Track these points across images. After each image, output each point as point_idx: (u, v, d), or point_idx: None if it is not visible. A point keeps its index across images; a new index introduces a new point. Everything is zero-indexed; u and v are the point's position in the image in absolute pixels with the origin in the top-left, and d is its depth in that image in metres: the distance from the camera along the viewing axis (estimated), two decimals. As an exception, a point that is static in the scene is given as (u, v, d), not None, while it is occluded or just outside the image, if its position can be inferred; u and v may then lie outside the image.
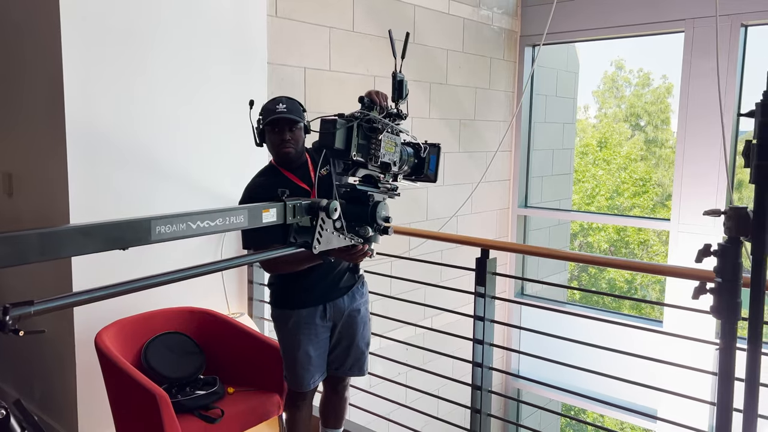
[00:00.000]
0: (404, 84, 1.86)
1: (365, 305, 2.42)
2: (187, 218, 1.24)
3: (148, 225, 1.13)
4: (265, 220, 1.40)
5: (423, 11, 4.26)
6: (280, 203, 1.36)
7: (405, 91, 1.87)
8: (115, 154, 2.68)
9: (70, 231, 1.04)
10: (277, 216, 1.40)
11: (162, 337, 2.64)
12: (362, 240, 1.67)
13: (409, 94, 1.90)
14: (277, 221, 1.40)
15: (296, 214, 1.39)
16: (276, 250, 1.50)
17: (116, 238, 1.10)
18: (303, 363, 2.28)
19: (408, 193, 4.36)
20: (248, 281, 3.30)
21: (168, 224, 1.18)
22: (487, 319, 2.39)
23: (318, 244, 1.43)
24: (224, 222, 1.32)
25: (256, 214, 1.36)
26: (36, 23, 2.65)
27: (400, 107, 1.86)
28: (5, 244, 0.95)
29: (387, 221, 1.76)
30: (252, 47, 3.16)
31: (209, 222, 1.28)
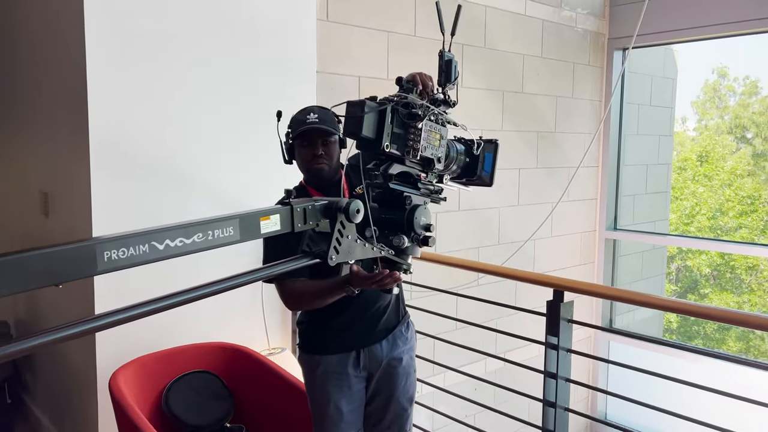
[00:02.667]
0: (453, 65, 1.46)
1: (409, 353, 2.02)
2: (150, 237, 0.95)
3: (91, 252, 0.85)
4: (264, 230, 1.10)
5: (495, 12, 3.84)
6: (286, 207, 1.07)
7: (454, 74, 1.46)
8: (143, 173, 2.45)
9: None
10: (281, 223, 1.09)
11: (188, 376, 2.36)
12: (395, 250, 1.31)
13: (459, 77, 1.49)
14: (281, 230, 1.09)
15: (308, 219, 1.11)
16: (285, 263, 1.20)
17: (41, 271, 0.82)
18: (333, 419, 1.92)
19: (477, 214, 3.93)
20: (293, 312, 2.99)
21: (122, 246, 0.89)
22: (560, 377, 1.92)
23: (335, 254, 1.12)
24: (205, 238, 1.02)
25: (250, 222, 1.05)
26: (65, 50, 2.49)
27: (449, 93, 1.46)
28: None
29: (428, 230, 1.38)
30: (299, 54, 2.87)
31: (183, 239, 0.97)
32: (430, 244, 1.42)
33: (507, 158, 4.04)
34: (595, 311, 4.82)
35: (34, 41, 2.89)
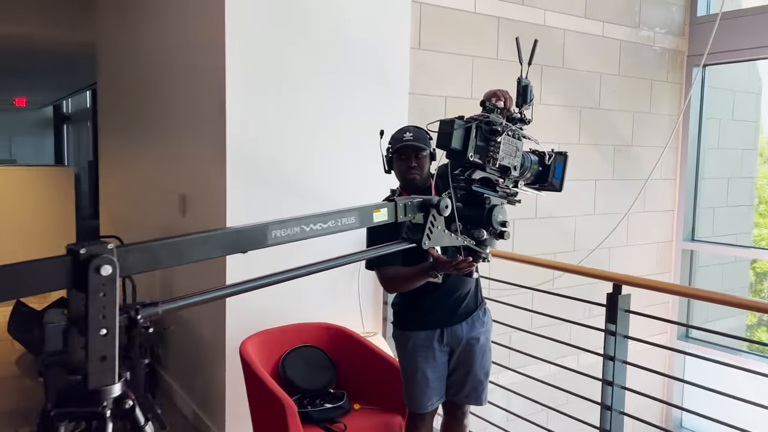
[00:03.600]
0: (529, 90, 1.82)
1: (486, 334, 2.39)
2: (302, 222, 1.36)
3: (264, 231, 1.26)
4: (376, 219, 1.45)
5: (573, 35, 4.13)
6: (391, 202, 1.38)
7: (530, 97, 1.82)
8: (268, 178, 2.97)
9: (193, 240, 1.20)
10: (388, 215, 1.44)
11: (299, 349, 2.83)
12: (476, 241, 1.65)
13: (533, 99, 1.85)
14: (388, 220, 1.43)
15: (408, 212, 1.41)
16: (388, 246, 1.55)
17: (237, 241, 1.23)
18: (420, 384, 2.31)
19: (554, 222, 4.22)
20: (383, 302, 3.41)
21: (284, 228, 1.29)
22: (618, 360, 2.23)
23: (428, 240, 1.43)
24: (336, 224, 1.40)
25: (366, 214, 1.42)
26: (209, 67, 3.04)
27: (524, 112, 1.82)
28: (136, 253, 1.12)
29: (504, 225, 1.71)
30: (395, 79, 3.32)
31: (321, 224, 1.36)
32: (506, 238, 1.77)
33: (583, 170, 4.31)
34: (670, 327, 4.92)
35: (178, 61, 3.49)
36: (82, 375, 1.04)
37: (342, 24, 3.10)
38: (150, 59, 3.94)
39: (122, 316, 1.03)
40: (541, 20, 3.94)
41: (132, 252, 1.05)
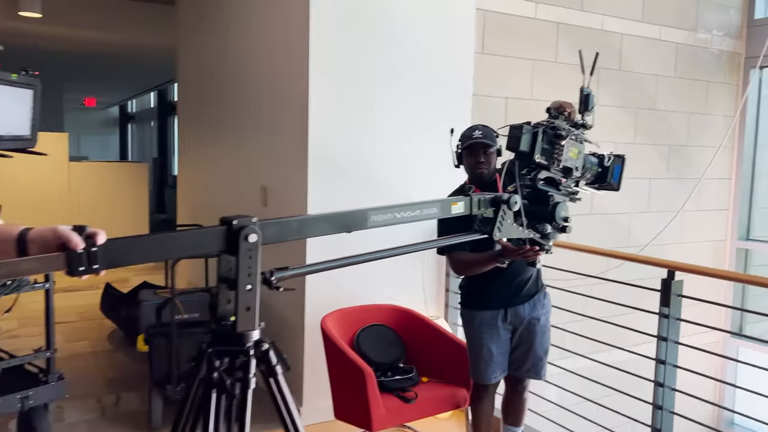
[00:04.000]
0: (590, 98, 2.04)
1: (546, 315, 2.62)
2: (394, 210, 1.64)
3: (365, 215, 1.55)
4: (454, 211, 1.72)
5: (631, 39, 4.29)
6: (467, 197, 1.64)
7: (591, 105, 2.04)
8: (344, 172, 3.26)
9: (315, 218, 1.50)
10: (464, 208, 1.70)
11: (371, 327, 3.12)
12: (540, 234, 1.89)
13: (594, 106, 2.07)
14: (464, 212, 1.69)
15: (480, 206, 1.64)
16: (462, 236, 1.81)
17: (345, 222, 1.52)
18: (485, 359, 2.56)
19: (609, 218, 4.38)
20: (445, 289, 3.67)
21: (380, 214, 1.58)
22: (670, 340, 2.42)
23: (498, 232, 1.68)
24: (421, 213, 1.68)
25: (446, 206, 1.69)
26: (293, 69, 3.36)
27: (586, 119, 2.05)
28: (273, 227, 1.41)
29: (566, 221, 1.94)
30: (460, 81, 3.57)
31: (410, 212, 1.64)
32: (568, 232, 2.00)
33: (638, 169, 4.46)
34: (724, 318, 5.01)
35: (261, 62, 3.83)
36: (229, 322, 1.34)
37: (412, 31, 3.37)
38: (232, 60, 4.30)
39: (261, 276, 1.33)
40: (599, 25, 4.12)
41: (269, 225, 1.34)
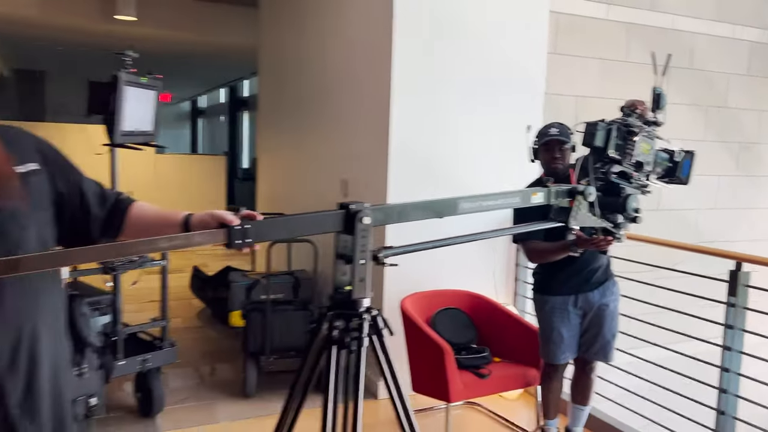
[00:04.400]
0: (662, 97, 2.20)
1: (615, 302, 2.79)
2: (480, 199, 1.88)
3: (455, 203, 1.79)
4: (533, 201, 1.94)
5: (703, 38, 4.35)
6: (545, 188, 1.86)
7: (662, 103, 2.20)
8: (424, 167, 3.51)
9: (412, 205, 1.75)
10: (543, 198, 1.91)
11: (446, 310, 3.36)
12: (612, 224, 2.07)
13: (666, 105, 2.23)
14: (542, 202, 1.91)
15: (558, 196, 1.85)
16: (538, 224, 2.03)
17: (438, 209, 1.77)
18: (556, 341, 2.76)
19: (677, 214, 4.45)
20: (515, 279, 3.87)
21: (468, 202, 1.81)
22: (737, 328, 2.56)
23: (573, 221, 1.90)
24: (504, 201, 1.91)
25: (526, 196, 1.91)
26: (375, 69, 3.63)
27: (658, 116, 2.22)
28: (381, 211, 1.67)
29: (637, 212, 2.11)
30: (532, 81, 3.75)
31: (493, 201, 1.87)
32: (638, 222, 2.17)
33: (707, 166, 4.51)
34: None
35: (344, 62, 4.12)
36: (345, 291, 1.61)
37: (488, 33, 3.58)
38: (315, 59, 4.60)
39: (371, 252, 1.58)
40: (671, 24, 4.20)
41: (376, 210, 1.59)
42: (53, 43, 8.90)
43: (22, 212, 1.27)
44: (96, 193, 1.43)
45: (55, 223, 1.38)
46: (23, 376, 1.29)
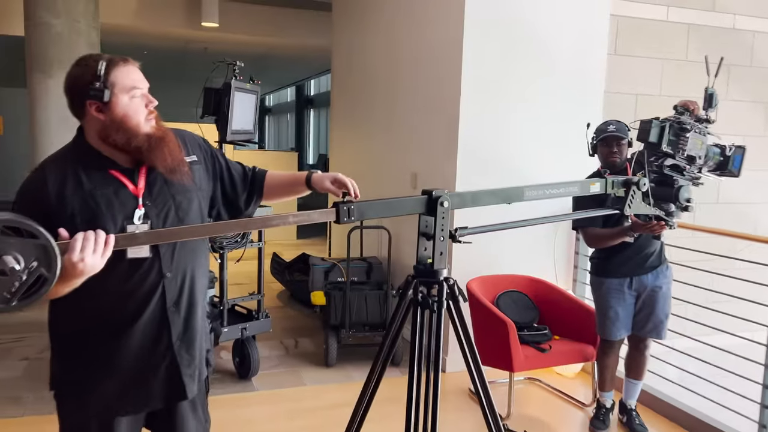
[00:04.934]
0: (713, 96, 2.44)
1: (667, 285, 3.04)
2: (543, 188, 2.20)
3: (521, 190, 2.11)
4: (592, 190, 2.24)
5: (763, 36, 4.46)
6: (603, 178, 2.16)
7: (714, 102, 2.44)
8: (488, 162, 3.83)
9: (484, 192, 2.08)
10: (601, 188, 2.21)
11: (509, 293, 3.67)
12: (665, 212, 2.33)
13: (718, 104, 2.46)
14: (600, 191, 2.20)
15: (614, 186, 2.13)
16: (597, 210, 2.33)
17: (506, 196, 2.10)
18: (612, 319, 3.04)
19: (736, 207, 4.58)
20: (574, 266, 4.13)
21: (533, 190, 2.13)
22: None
23: (629, 208, 2.18)
24: (565, 190, 2.21)
25: (585, 185, 2.21)
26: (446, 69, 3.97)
27: (710, 115, 2.46)
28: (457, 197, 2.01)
29: (688, 201, 2.37)
30: (593, 80, 4.00)
31: (555, 190, 2.18)
32: (690, 211, 2.42)
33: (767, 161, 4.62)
34: None
35: (416, 62, 4.48)
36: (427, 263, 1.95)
37: (551, 36, 3.85)
38: (387, 59, 4.97)
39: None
40: (731, 24, 4.35)
41: (455, 196, 1.93)
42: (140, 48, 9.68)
43: (188, 186, 1.69)
44: (239, 173, 1.86)
45: (210, 200, 1.80)
46: (183, 314, 1.71)
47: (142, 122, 1.59)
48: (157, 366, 1.68)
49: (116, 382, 1.66)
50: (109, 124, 1.56)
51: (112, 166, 1.60)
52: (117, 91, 1.56)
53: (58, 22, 5.24)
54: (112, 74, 1.56)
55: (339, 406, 3.29)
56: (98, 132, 1.57)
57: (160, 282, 1.64)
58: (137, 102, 1.60)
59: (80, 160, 1.60)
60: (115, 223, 1.55)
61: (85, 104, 1.55)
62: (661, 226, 2.53)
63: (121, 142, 1.57)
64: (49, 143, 5.36)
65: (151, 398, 1.71)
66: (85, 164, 1.59)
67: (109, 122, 1.56)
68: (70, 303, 1.51)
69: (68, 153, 1.63)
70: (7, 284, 1.30)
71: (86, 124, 1.60)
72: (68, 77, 1.60)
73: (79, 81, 1.56)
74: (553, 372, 3.88)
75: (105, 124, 1.56)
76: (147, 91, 1.65)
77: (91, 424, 1.69)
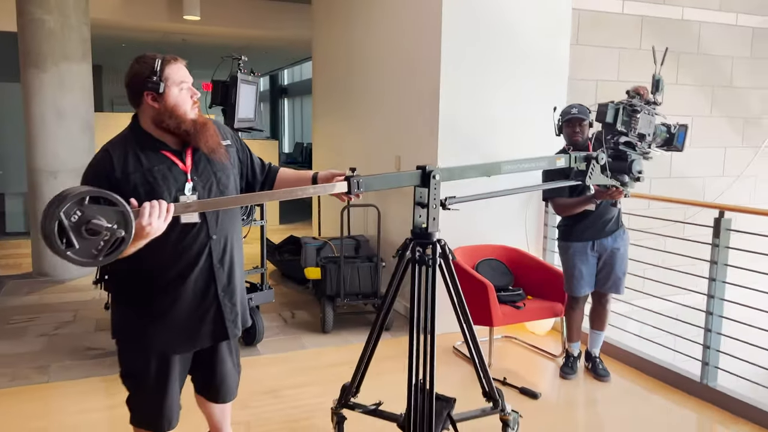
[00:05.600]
0: (660, 82, 2.88)
1: (624, 247, 3.50)
2: (517, 163, 2.62)
3: (499, 165, 2.53)
4: (558, 164, 2.67)
5: (708, 26, 4.96)
6: (567, 154, 2.58)
7: (660, 87, 2.88)
8: (466, 143, 4.24)
9: (468, 167, 2.49)
10: (565, 162, 2.64)
11: (487, 260, 4.10)
12: (620, 183, 2.78)
13: (664, 88, 2.90)
14: (565, 165, 2.64)
15: (576, 161, 2.58)
16: (560, 183, 2.76)
17: (487, 169, 2.51)
18: (577, 277, 3.49)
19: (686, 181, 5.08)
20: (543, 236, 4.59)
21: (509, 165, 2.55)
22: (720, 263, 3.25)
23: (589, 179, 2.62)
24: (536, 165, 2.64)
25: (552, 160, 2.64)
26: (426, 59, 4.35)
27: (657, 98, 2.89)
28: (446, 171, 2.41)
29: (640, 173, 2.81)
30: (557, 68, 4.43)
31: (528, 164, 2.60)
32: (641, 181, 2.86)
33: (714, 139, 5.14)
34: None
35: (398, 52, 4.85)
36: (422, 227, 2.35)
37: (520, 29, 4.26)
38: (369, 48, 5.32)
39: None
40: (680, 16, 4.83)
41: (444, 170, 2.33)
42: (118, 42, 9.82)
43: (226, 165, 2.05)
44: (259, 165, 2.23)
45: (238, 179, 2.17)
46: (226, 270, 2.08)
47: (188, 110, 1.95)
48: (206, 312, 2.05)
49: (172, 326, 2.02)
50: (163, 111, 1.90)
51: (163, 147, 1.95)
52: (169, 84, 1.91)
53: (50, 18, 5.45)
54: (166, 70, 1.91)
55: (338, 364, 3.71)
56: (152, 118, 1.92)
57: (208, 243, 2.01)
58: (185, 93, 1.95)
59: (138, 142, 1.94)
60: (170, 194, 1.91)
61: (143, 95, 1.90)
62: (619, 192, 2.98)
63: (172, 126, 1.92)
64: (45, 136, 5.60)
65: (200, 338, 2.08)
66: (142, 146, 1.94)
67: (163, 110, 1.90)
68: (133, 262, 1.83)
69: (127, 137, 1.98)
70: (95, 243, 1.64)
71: (142, 112, 1.95)
72: (129, 72, 1.95)
73: (139, 75, 1.91)
74: (527, 330, 4.34)
75: (159, 111, 1.91)
76: (192, 85, 2.00)
77: (150, 362, 2.05)
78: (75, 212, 1.59)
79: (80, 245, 1.61)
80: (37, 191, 5.68)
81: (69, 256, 1.61)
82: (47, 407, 3.25)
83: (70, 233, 1.59)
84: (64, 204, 1.59)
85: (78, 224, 1.60)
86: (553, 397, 3.46)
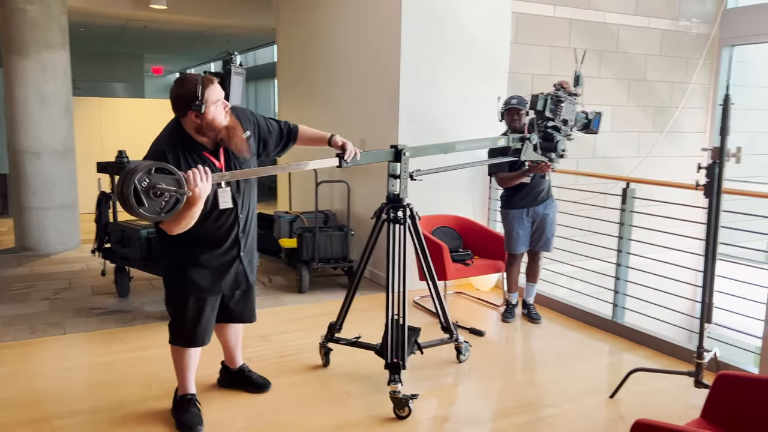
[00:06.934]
0: (579, 77, 3.63)
1: (553, 213, 4.28)
2: (468, 142, 3.36)
3: (454, 144, 3.25)
4: (499, 144, 3.41)
5: (626, 28, 5.80)
6: (506, 136, 3.33)
7: (580, 82, 3.63)
8: (424, 127, 4.92)
9: (431, 146, 3.21)
10: (505, 142, 3.39)
11: (441, 227, 4.82)
12: (548, 159, 3.53)
13: (583, 83, 3.64)
14: (504, 144, 3.38)
15: (513, 141, 3.35)
16: (501, 158, 3.50)
17: (445, 148, 3.22)
18: (515, 238, 4.25)
19: (608, 161, 5.94)
20: (488, 208, 5.34)
21: (461, 144, 3.28)
22: (625, 224, 4.07)
23: (524, 155, 3.37)
24: (482, 144, 3.39)
25: (494, 140, 3.38)
26: (387, 53, 5.00)
27: (577, 89, 3.64)
28: (414, 149, 3.10)
29: (564, 152, 3.56)
30: (499, 63, 5.16)
31: (476, 144, 3.36)
32: (565, 158, 3.63)
33: (631, 124, 6.01)
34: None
35: (361, 41, 5.47)
36: (395, 194, 3.03)
37: (468, 28, 4.96)
38: (331, 35, 5.91)
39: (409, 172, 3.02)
40: (602, 19, 5.64)
41: (412, 148, 3.04)
42: (77, 26, 9.97)
43: (248, 157, 2.66)
44: (276, 131, 2.83)
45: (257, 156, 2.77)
46: (247, 236, 2.72)
47: (222, 121, 2.51)
48: (231, 265, 2.70)
49: (206, 275, 2.66)
50: (204, 125, 2.47)
51: (203, 148, 2.54)
52: (209, 104, 2.46)
53: (33, 8, 5.79)
54: (206, 93, 2.45)
55: (317, 315, 4.36)
56: (195, 128, 2.49)
57: (236, 220, 2.64)
58: (220, 108, 2.51)
59: (183, 145, 2.50)
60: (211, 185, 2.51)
61: (188, 112, 2.45)
62: (547, 166, 3.72)
63: (211, 135, 2.50)
64: (27, 119, 5.95)
65: (226, 286, 2.73)
66: (188, 148, 2.51)
67: (204, 124, 2.46)
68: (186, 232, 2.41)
69: (175, 139, 2.51)
70: (160, 203, 2.23)
71: (186, 122, 2.50)
72: (174, 94, 2.47)
73: (184, 97, 2.44)
74: (474, 288, 5.10)
75: (200, 125, 2.47)
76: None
77: (189, 299, 2.68)
78: (144, 179, 2.18)
79: (148, 204, 2.19)
80: (20, 170, 6.03)
81: (141, 212, 2.19)
82: (72, 352, 3.77)
83: (141, 195, 2.17)
84: (137, 173, 2.17)
85: (147, 188, 2.18)
86: (496, 335, 4.23)
